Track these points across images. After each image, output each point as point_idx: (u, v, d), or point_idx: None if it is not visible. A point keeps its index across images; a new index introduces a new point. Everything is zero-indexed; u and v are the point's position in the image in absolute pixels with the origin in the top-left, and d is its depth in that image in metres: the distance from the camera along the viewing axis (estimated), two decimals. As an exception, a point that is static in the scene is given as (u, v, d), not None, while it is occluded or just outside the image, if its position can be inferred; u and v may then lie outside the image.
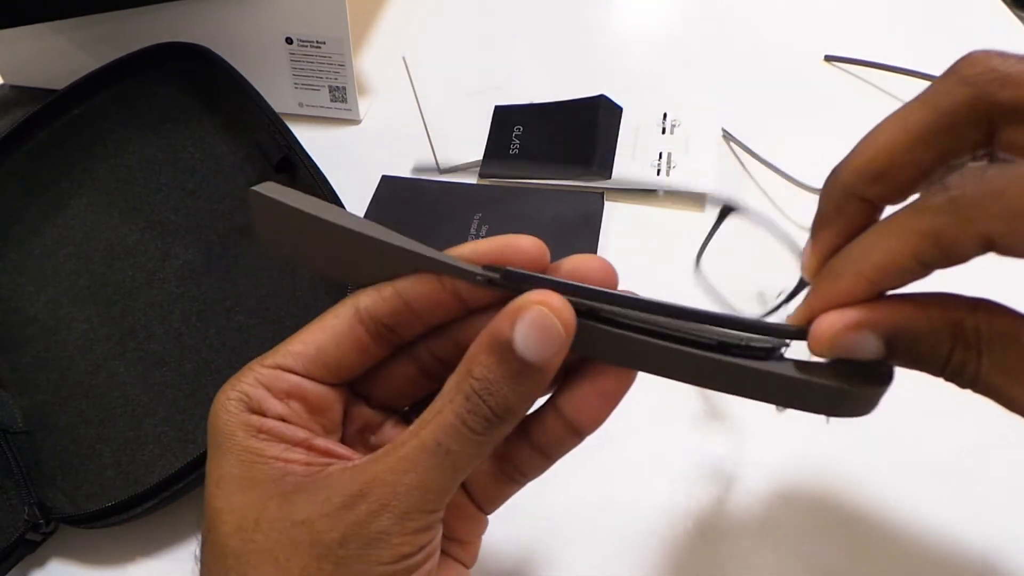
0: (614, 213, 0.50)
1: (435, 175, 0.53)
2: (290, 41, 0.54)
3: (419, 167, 0.54)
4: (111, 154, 0.49)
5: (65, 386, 0.41)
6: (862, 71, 0.59)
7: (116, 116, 0.50)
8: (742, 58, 0.61)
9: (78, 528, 0.36)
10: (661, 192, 0.51)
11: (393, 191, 0.52)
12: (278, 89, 0.56)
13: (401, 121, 0.57)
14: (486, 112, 0.56)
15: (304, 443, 0.25)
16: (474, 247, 0.25)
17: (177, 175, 0.48)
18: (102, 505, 0.36)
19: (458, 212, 0.50)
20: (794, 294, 0.27)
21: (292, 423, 0.25)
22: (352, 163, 0.53)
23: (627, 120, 0.55)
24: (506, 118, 0.56)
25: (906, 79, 0.56)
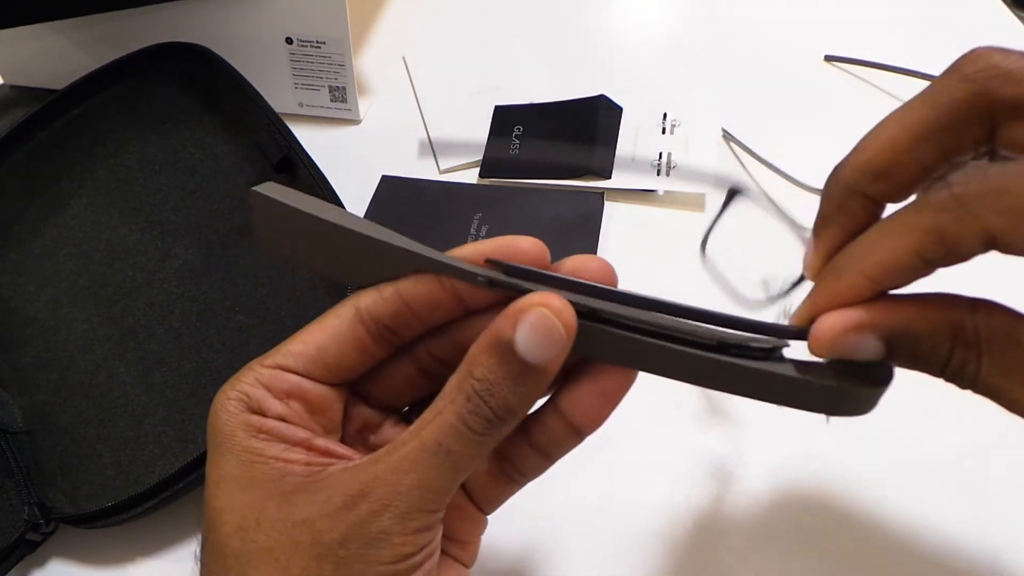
0: (614, 213, 0.50)
1: (435, 175, 0.53)
2: (290, 41, 0.54)
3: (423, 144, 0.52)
4: (111, 154, 0.49)
5: (65, 386, 0.41)
6: (862, 71, 0.59)
7: (116, 116, 0.50)
8: (742, 58, 0.61)
9: (78, 528, 0.36)
10: (661, 192, 0.51)
11: (393, 191, 0.52)
12: (278, 89, 0.56)
13: (401, 121, 0.57)
14: (486, 112, 0.56)
15: (304, 443, 0.25)
16: (475, 248, 0.25)
17: (177, 175, 0.48)
18: (102, 505, 0.36)
19: (458, 212, 0.50)
20: (799, 282, 0.27)
21: (292, 423, 0.25)
22: (352, 163, 0.53)
23: (627, 120, 0.55)
24: (506, 118, 0.56)
25: (906, 79, 0.56)
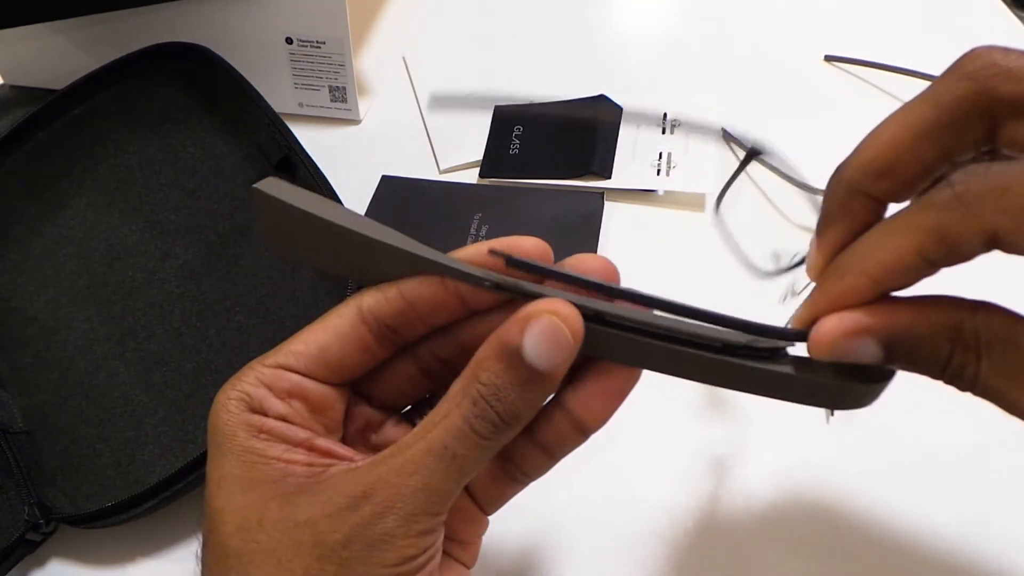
0: (614, 213, 0.50)
1: (435, 175, 0.53)
2: (290, 41, 0.54)
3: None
4: (111, 154, 0.49)
5: (65, 386, 0.41)
6: (862, 71, 0.59)
7: (116, 116, 0.50)
8: (742, 58, 0.61)
9: (78, 528, 0.36)
10: (661, 192, 0.51)
11: (393, 191, 0.52)
12: (278, 89, 0.56)
13: (401, 121, 0.57)
14: (486, 112, 0.56)
15: (305, 443, 0.25)
16: (478, 249, 0.25)
17: (177, 175, 0.48)
18: (102, 505, 0.35)
19: (458, 212, 0.50)
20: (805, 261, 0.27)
21: (293, 423, 0.25)
22: (352, 163, 0.53)
23: (627, 120, 0.55)
24: (506, 118, 0.56)
25: (906, 79, 0.56)
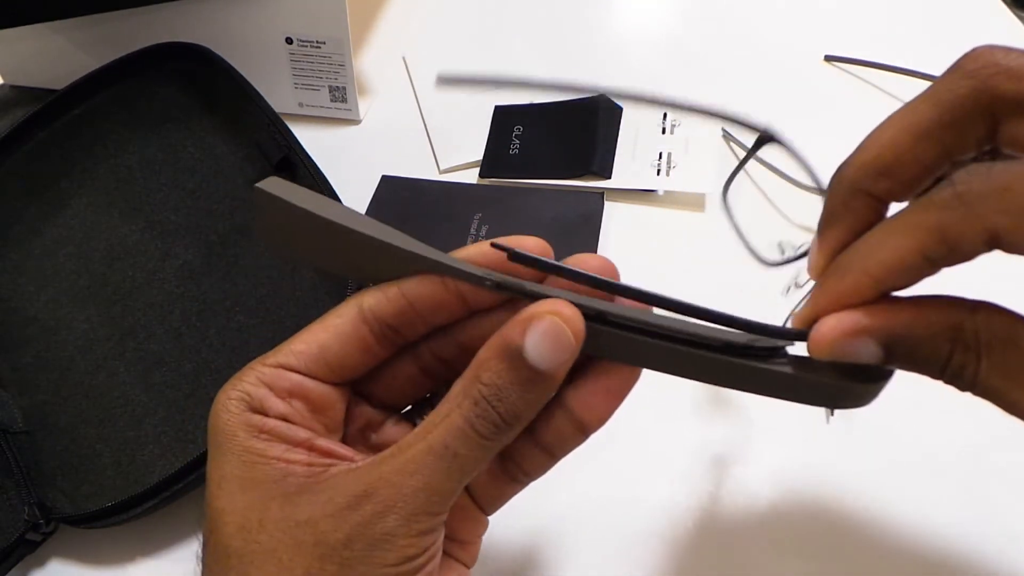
0: (614, 213, 0.50)
1: (435, 175, 0.53)
2: (290, 41, 0.54)
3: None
4: (111, 154, 0.49)
5: (65, 386, 0.41)
6: (862, 71, 0.59)
7: (116, 116, 0.50)
8: (742, 58, 0.61)
9: (78, 528, 0.36)
10: (661, 192, 0.51)
11: (393, 191, 0.52)
12: (278, 89, 0.56)
13: (401, 121, 0.57)
14: (486, 112, 0.56)
15: (305, 443, 0.25)
16: (479, 249, 0.25)
17: (177, 175, 0.48)
18: (102, 505, 0.36)
19: (458, 212, 0.50)
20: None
21: (294, 422, 0.25)
22: (352, 163, 0.53)
23: (627, 120, 0.55)
24: (506, 118, 0.56)
25: (906, 79, 0.56)
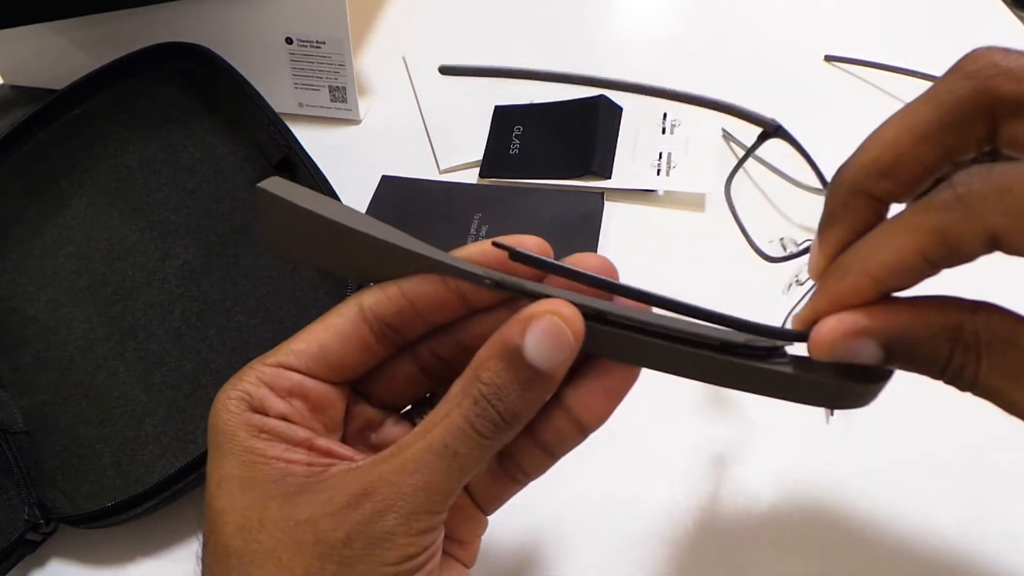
0: (614, 213, 0.50)
1: (435, 175, 0.53)
2: (290, 41, 0.54)
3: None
4: (111, 154, 0.49)
5: (65, 386, 0.41)
6: (862, 71, 0.59)
7: (116, 116, 0.50)
8: (742, 58, 0.61)
9: (78, 528, 0.36)
10: (661, 192, 0.51)
11: (393, 191, 0.52)
12: (278, 89, 0.56)
13: (401, 121, 0.57)
14: (486, 112, 0.56)
15: (305, 443, 0.25)
16: (480, 248, 0.25)
17: (177, 175, 0.48)
18: (102, 505, 0.35)
19: (458, 212, 0.50)
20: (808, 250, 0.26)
21: (294, 422, 0.25)
22: (352, 163, 0.53)
23: (627, 120, 0.55)
24: (506, 118, 0.56)
25: (906, 79, 0.56)
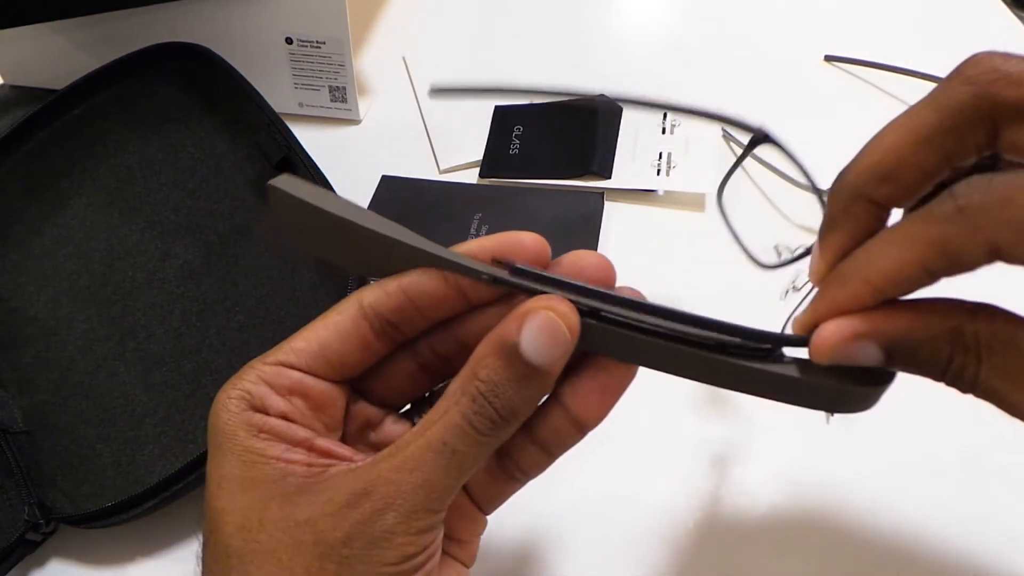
0: (614, 213, 0.50)
1: (435, 175, 0.53)
2: (290, 41, 0.54)
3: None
4: (111, 154, 0.49)
5: (65, 386, 0.41)
6: (862, 71, 0.59)
7: (116, 116, 0.50)
8: (742, 58, 0.61)
9: (78, 528, 0.36)
10: (661, 192, 0.51)
11: (393, 191, 0.52)
12: (278, 89, 0.56)
13: (401, 121, 0.57)
14: (486, 112, 0.56)
15: (305, 443, 0.25)
16: (479, 243, 0.25)
17: (177, 175, 0.48)
18: (102, 505, 0.36)
19: (458, 212, 0.50)
20: (808, 252, 0.26)
21: (294, 420, 0.25)
22: (352, 163, 0.53)
23: (627, 120, 0.55)
24: (506, 118, 0.56)
25: (906, 79, 0.56)
